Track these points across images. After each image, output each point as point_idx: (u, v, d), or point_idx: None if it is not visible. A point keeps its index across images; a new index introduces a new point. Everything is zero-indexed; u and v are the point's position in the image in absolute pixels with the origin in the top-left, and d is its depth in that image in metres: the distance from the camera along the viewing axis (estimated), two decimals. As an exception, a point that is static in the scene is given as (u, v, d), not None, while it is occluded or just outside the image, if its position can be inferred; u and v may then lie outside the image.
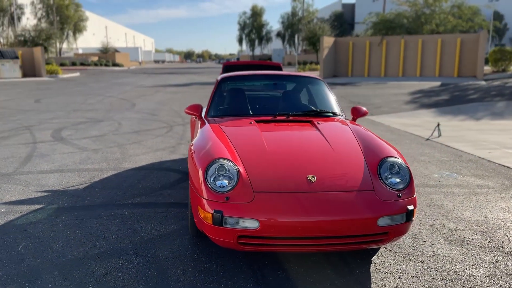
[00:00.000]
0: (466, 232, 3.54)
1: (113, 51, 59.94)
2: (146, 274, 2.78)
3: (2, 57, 27.00)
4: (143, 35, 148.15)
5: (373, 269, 2.92)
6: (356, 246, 2.77)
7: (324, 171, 2.91)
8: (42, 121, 9.43)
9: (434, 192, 4.62)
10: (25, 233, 3.39)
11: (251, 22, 76.09)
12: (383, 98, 14.63)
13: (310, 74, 4.65)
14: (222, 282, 2.70)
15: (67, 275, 2.74)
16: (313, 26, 38.12)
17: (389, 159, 3.00)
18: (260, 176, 2.83)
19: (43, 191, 4.44)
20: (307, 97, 4.52)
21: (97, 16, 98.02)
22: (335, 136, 3.44)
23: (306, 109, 4.15)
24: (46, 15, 53.54)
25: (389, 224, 2.73)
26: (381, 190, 2.82)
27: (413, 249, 3.24)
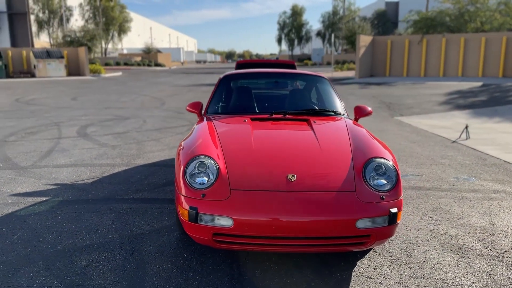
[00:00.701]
0: (467, 239, 3.36)
1: (155, 51, 61.48)
2: (124, 268, 2.82)
3: (48, 57, 28.33)
4: (186, 35, 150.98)
5: (355, 273, 2.82)
6: (334, 248, 2.69)
7: (306, 170, 2.84)
8: (73, 117, 9.81)
9: (444, 196, 4.41)
10: (24, 223, 3.53)
11: (290, 21, 75.80)
12: (417, 99, 14.15)
13: (316, 73, 4.57)
14: (197, 279, 2.70)
15: (50, 265, 2.83)
16: (352, 24, 37.44)
17: (376, 159, 2.89)
18: (240, 174, 2.80)
19: (52, 184, 4.61)
20: (309, 95, 4.44)
21: (142, 18, 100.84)
22: (327, 136, 3.36)
23: (305, 107, 4.07)
24: (93, 16, 55.62)
25: (369, 226, 2.63)
26: (363, 191, 2.72)
27: (404, 254, 3.11)
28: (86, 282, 2.62)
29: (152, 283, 2.64)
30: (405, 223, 3.68)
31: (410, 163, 5.77)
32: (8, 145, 6.68)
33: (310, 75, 4.54)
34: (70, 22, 52.70)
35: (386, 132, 8.20)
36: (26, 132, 7.81)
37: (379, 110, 11.60)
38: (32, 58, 28.23)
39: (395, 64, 25.51)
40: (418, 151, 6.54)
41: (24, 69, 29.04)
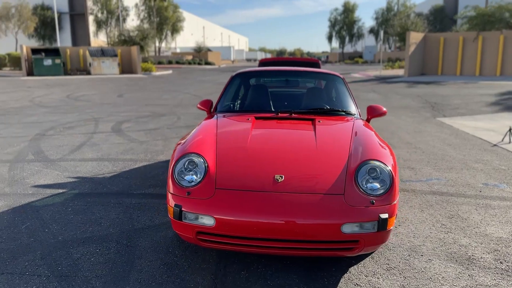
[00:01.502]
0: (478, 250, 3.13)
1: (206, 50, 62.62)
2: (114, 262, 2.88)
3: (103, 55, 29.65)
4: (237, 34, 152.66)
5: (344, 279, 2.71)
6: (319, 252, 2.60)
7: (296, 171, 2.77)
8: (112, 113, 10.19)
9: (466, 203, 4.15)
10: (36, 214, 3.70)
11: (342, 18, 74.43)
12: (465, 99, 13.42)
13: (330, 71, 4.44)
14: (180, 276, 2.71)
15: (46, 255, 2.95)
16: (405, 21, 36.14)
17: (371, 162, 2.76)
18: (228, 173, 2.78)
19: (73, 177, 4.81)
20: (321, 94, 4.32)
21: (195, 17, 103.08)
22: (327, 136, 3.26)
23: (313, 107, 3.97)
24: (148, 16, 57.57)
25: (357, 232, 2.52)
26: (352, 194, 2.61)
27: (403, 262, 2.95)
28: (74, 274, 2.70)
29: (136, 278, 2.67)
30: (414, 230, 3.50)
31: (438, 167, 5.48)
32: (45, 138, 7.06)
33: (324, 74, 4.42)
34: (126, 22, 54.86)
35: (422, 133, 7.84)
36: (65, 127, 8.21)
37: (422, 110, 11.11)
38: (88, 56, 29.65)
39: (448, 62, 24.33)
40: (452, 154, 6.20)
41: (80, 66, 30.56)
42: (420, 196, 4.33)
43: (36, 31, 49.99)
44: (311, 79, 4.57)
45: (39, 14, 49.95)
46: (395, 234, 3.41)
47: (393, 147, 6.62)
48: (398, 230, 3.49)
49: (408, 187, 4.62)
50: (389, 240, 3.28)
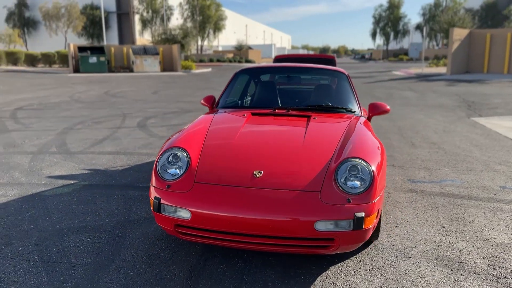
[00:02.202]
0: (473, 254, 2.99)
1: (246, 48, 62.98)
2: (101, 251, 2.98)
3: (145, 53, 30.50)
4: (280, 32, 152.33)
5: (321, 278, 2.68)
6: (294, 249, 2.58)
7: (276, 167, 2.76)
8: (142, 109, 10.49)
9: (476, 206, 3.97)
10: (42, 203, 3.89)
11: (387, 15, 72.42)
12: (506, 98, 12.74)
13: (334, 68, 4.36)
14: (159, 267, 2.77)
15: (40, 242, 3.10)
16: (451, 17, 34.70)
17: (352, 159, 2.71)
18: (209, 167, 2.81)
19: (87, 169, 5.01)
20: (323, 91, 4.26)
21: (238, 15, 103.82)
22: (318, 133, 3.22)
23: (311, 103, 3.92)
24: (191, 15, 58.59)
25: (332, 230, 2.49)
26: (329, 192, 2.57)
27: (389, 264, 2.86)
28: (60, 260, 2.83)
29: (116, 267, 2.76)
30: (410, 231, 3.39)
31: (458, 168, 5.26)
32: (72, 132, 7.38)
33: (327, 70, 4.35)
34: (170, 21, 56.12)
35: (451, 133, 7.54)
36: (94, 121, 8.54)
37: (457, 109, 10.67)
38: (131, 54, 30.59)
39: (495, 60, 23.17)
40: (476, 155, 5.93)
41: (124, 64, 31.59)
42: (427, 198, 4.19)
43: (85, 30, 52.17)
44: (314, 76, 4.52)
45: (88, 13, 52.04)
46: (389, 234, 3.32)
47: (414, 147, 6.42)
48: (393, 231, 3.40)
49: (418, 188, 4.47)
50: (380, 241, 3.20)
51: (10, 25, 54.18)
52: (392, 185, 4.58)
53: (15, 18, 55.60)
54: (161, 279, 2.62)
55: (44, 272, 2.68)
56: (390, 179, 4.79)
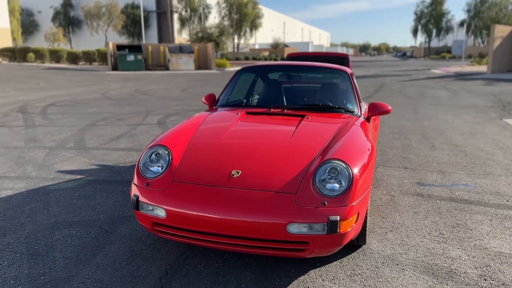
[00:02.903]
0: (465, 264, 2.84)
1: (282, 46, 62.77)
2: (86, 246, 3.04)
3: (180, 52, 31.01)
4: (319, 29, 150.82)
5: (297, 281, 2.61)
6: (268, 251, 2.53)
7: (255, 167, 2.72)
8: (166, 107, 10.66)
9: (484, 212, 3.76)
10: (45, 196, 4.02)
11: (429, 11, 70.09)
12: (547, 98, 12.03)
13: (337, 66, 4.24)
14: (137, 264, 2.79)
15: (31, 235, 3.20)
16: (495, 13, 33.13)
17: (333, 161, 2.63)
18: (189, 166, 2.81)
19: (97, 165, 5.14)
20: (323, 90, 4.16)
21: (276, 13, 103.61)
22: (306, 134, 3.15)
23: (308, 103, 3.85)
24: (229, 13, 59.08)
25: (306, 233, 2.42)
26: (304, 194, 2.51)
27: (372, 270, 2.76)
28: (45, 253, 2.91)
29: (96, 262, 2.81)
30: (405, 237, 3.25)
31: (474, 172, 5.01)
32: (93, 128, 7.60)
33: (329, 68, 4.24)
34: (208, 19, 56.80)
35: (477, 135, 7.20)
36: (117, 118, 8.76)
37: (489, 110, 10.19)
38: (167, 52, 31.18)
39: (541, 58, 21.93)
40: (498, 159, 5.63)
41: (160, 62, 32.22)
42: (432, 202, 4.01)
43: (126, 28, 53.71)
44: (316, 74, 4.42)
45: (129, 12, 53.51)
46: (381, 239, 3.20)
47: (433, 149, 6.17)
48: (387, 235, 3.28)
49: (425, 192, 4.29)
50: (369, 245, 3.09)
51: (56, 24, 56.57)
52: (399, 188, 4.42)
53: (60, 18, 57.99)
54: (135, 276, 2.64)
55: (27, 264, 2.76)
56: (398, 182, 4.63)
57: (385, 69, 32.83)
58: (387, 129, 7.77)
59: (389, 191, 4.32)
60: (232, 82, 4.27)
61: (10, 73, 24.87)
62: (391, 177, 4.80)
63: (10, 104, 11.04)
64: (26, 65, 32.59)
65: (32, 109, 10.12)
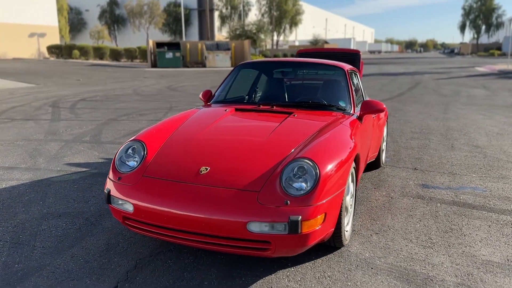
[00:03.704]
0: (446, 271, 2.69)
1: (322, 42, 61.97)
2: (67, 236, 3.12)
3: (217, 49, 31.33)
4: (363, 25, 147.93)
5: (262, 281, 2.57)
6: (231, 249, 2.50)
7: (225, 164, 2.70)
8: (191, 103, 10.79)
9: (484, 217, 3.56)
10: (46, 188, 4.17)
11: (478, 6, 66.96)
12: None
13: (333, 62, 4.12)
14: (109, 257, 2.83)
15: (20, 224, 3.31)
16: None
17: (302, 160, 2.56)
18: (161, 162, 2.82)
19: (105, 159, 5.27)
20: (318, 87, 4.07)
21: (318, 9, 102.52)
22: (287, 132, 3.09)
23: (301, 99, 3.77)
24: (269, 10, 59.00)
25: (267, 232, 2.38)
26: (268, 192, 2.46)
27: (343, 273, 2.67)
28: (27, 243, 3.01)
29: (72, 253, 2.87)
30: (390, 240, 3.12)
31: (488, 175, 4.75)
32: (113, 123, 7.81)
33: (324, 65, 4.13)
34: (248, 17, 57.02)
35: (504, 136, 6.83)
36: (139, 113, 8.96)
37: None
38: (204, 50, 31.60)
39: None
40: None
41: (198, 59, 32.71)
42: (432, 205, 3.83)
43: (168, 26, 54.91)
44: (312, 71, 4.31)
45: (172, 10, 54.66)
46: (363, 242, 3.09)
47: (452, 150, 5.90)
48: (371, 238, 3.16)
49: (428, 194, 4.11)
50: (349, 247, 2.99)
51: (102, 22, 58.71)
52: (401, 189, 4.26)
53: (106, 16, 60.12)
54: (104, 269, 2.68)
55: (6, 252, 2.87)
56: (402, 183, 4.46)
57: (427, 66, 31.72)
58: (409, 128, 7.50)
59: (388, 193, 4.17)
60: (228, 79, 4.25)
61: (55, 69, 26.06)
62: (396, 178, 4.63)
63: (46, 98, 11.56)
64: (71, 62, 34.05)
65: (64, 103, 10.54)
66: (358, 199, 3.96)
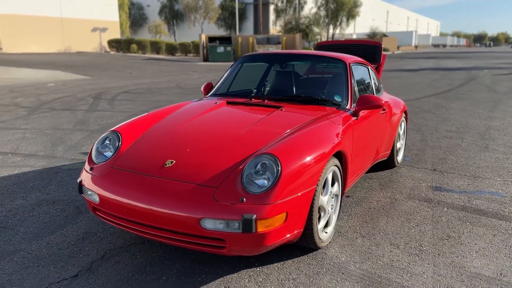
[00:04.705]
0: (423, 283, 2.48)
1: (380, 35, 59.90)
2: (53, 223, 3.20)
3: (268, 43, 31.26)
4: (427, 18, 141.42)
5: (220, 280, 2.49)
6: (188, 245, 2.44)
7: (191, 158, 2.65)
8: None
9: (492, 225, 3.25)
10: (52, 175, 4.32)
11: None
12: None
13: (334, 55, 3.89)
14: (82, 246, 2.86)
15: (14, 210, 3.43)
16: None
17: (266, 156, 2.46)
18: (133, 153, 2.82)
19: (119, 149, 5.40)
20: (317, 81, 3.88)
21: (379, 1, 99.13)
22: (267, 126, 2.98)
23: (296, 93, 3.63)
24: (325, 3, 57.86)
25: (221, 229, 2.30)
26: (227, 189, 2.38)
27: (309, 276, 2.53)
28: (13, 227, 3.12)
29: (50, 239, 2.94)
30: (373, 245, 2.92)
31: None
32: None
33: (325, 57, 3.92)
34: (303, 10, 56.26)
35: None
36: (171, 106, 9.11)
37: None
38: (255, 44, 31.65)
39: None
40: (558, 165, 4.80)
41: (249, 53, 32.89)
42: (436, 209, 3.55)
43: (224, 21, 55.58)
44: (312, 63, 4.10)
45: (228, 5, 55.20)
46: (343, 245, 2.91)
47: (484, 151, 5.46)
48: (355, 241, 2.97)
49: (437, 198, 3.81)
50: (326, 250, 2.83)
51: (162, 17, 60.52)
52: (409, 191, 3.98)
53: (166, 11, 61.87)
54: (72, 257, 2.72)
55: (-9, 234, 3.01)
56: (413, 184, 4.17)
57: (490, 61, 29.68)
58: (445, 126, 7.03)
59: (394, 194, 3.91)
60: (228, 71, 4.18)
61: (113, 62, 27.26)
62: (409, 179, 4.34)
63: (93, 90, 12.09)
64: (129, 56, 35.47)
65: (106, 95, 10.97)
66: (358, 200, 3.75)
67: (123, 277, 2.51)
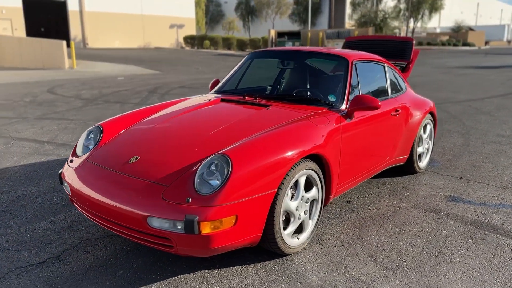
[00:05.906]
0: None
1: (466, 29, 55.80)
2: (49, 210, 3.38)
3: (337, 37, 30.57)
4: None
5: (173, 279, 2.47)
6: (141, 241, 2.46)
7: (155, 155, 2.68)
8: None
9: (497, 244, 2.92)
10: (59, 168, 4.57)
11: None
12: None
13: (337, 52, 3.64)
14: (62, 234, 2.98)
15: (23, 195, 3.67)
16: None
17: (218, 156, 2.40)
18: (107, 148, 2.90)
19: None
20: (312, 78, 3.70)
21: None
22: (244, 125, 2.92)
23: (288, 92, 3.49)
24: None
25: (167, 229, 2.29)
26: (176, 188, 2.37)
27: (263, 283, 2.43)
28: (12, 211, 3.32)
29: (38, 225, 3.10)
30: (349, 256, 2.73)
31: (554, 193, 3.82)
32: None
33: (326, 55, 3.70)
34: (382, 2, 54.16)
35: None
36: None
37: None
38: (325, 38, 31.10)
39: None
40: None
41: (318, 48, 32.40)
42: (440, 222, 3.24)
43: (298, 15, 55.24)
44: (313, 61, 3.88)
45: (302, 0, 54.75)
46: (317, 253, 2.76)
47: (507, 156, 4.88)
48: (331, 250, 2.81)
49: (448, 209, 3.49)
50: (298, 256, 2.70)
51: (238, 13, 61.61)
52: (421, 200, 3.68)
53: (242, 7, 62.88)
54: (48, 244, 2.86)
55: (-11, 218, 3.26)
56: (428, 193, 3.84)
57: None
58: (497, 130, 6.40)
59: (400, 202, 3.63)
60: (237, 68, 4.14)
61: (184, 58, 28.28)
62: (426, 187, 4.00)
63: (154, 84, 12.63)
64: (202, 51, 36.56)
65: (162, 89, 11.41)
66: (358, 206, 3.54)
67: (84, 268, 2.58)
